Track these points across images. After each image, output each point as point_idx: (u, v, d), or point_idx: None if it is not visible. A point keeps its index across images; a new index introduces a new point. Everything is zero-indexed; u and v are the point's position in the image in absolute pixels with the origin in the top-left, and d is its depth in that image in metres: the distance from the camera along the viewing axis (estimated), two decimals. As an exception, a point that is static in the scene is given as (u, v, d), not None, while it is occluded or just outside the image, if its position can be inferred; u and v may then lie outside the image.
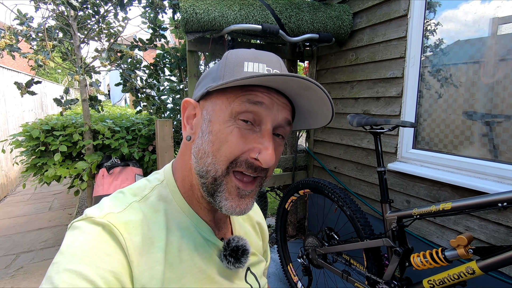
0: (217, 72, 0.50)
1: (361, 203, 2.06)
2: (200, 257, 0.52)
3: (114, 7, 2.58)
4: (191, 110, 0.53)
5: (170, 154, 2.08)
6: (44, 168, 2.27)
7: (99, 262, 0.41)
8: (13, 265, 2.44)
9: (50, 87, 8.30)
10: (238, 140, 0.46)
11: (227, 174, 0.47)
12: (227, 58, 0.50)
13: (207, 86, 0.50)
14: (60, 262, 0.40)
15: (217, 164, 0.47)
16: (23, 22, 2.23)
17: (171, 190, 0.54)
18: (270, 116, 0.47)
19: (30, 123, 2.37)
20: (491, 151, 1.42)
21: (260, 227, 0.73)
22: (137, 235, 0.46)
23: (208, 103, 0.50)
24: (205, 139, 0.48)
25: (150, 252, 0.46)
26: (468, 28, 1.49)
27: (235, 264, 0.54)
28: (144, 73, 2.83)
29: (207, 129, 0.48)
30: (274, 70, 0.49)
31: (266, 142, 0.46)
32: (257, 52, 0.50)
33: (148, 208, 0.50)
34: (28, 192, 4.44)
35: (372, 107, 1.95)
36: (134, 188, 0.54)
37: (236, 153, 0.46)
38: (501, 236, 1.31)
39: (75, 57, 2.40)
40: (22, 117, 5.49)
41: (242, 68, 0.48)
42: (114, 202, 0.50)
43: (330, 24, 1.98)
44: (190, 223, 0.53)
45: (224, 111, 0.47)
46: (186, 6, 1.68)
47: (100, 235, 0.44)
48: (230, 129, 0.46)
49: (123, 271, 0.43)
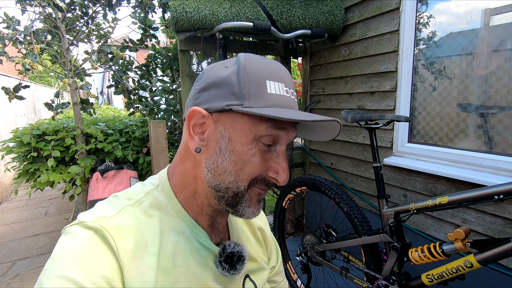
0: (239, 87, 0.46)
1: (358, 198, 2.06)
2: (195, 263, 0.51)
3: (102, 8, 2.54)
4: (199, 119, 0.49)
5: (164, 155, 2.05)
6: (36, 174, 2.24)
7: (90, 267, 0.40)
8: (9, 273, 2.41)
9: (42, 90, 8.20)
10: (260, 161, 0.48)
11: (249, 189, 0.50)
12: (248, 72, 0.47)
13: (227, 101, 0.46)
14: (51, 268, 0.40)
15: (239, 182, 0.49)
16: (9, 25, 2.18)
17: (167, 194, 0.53)
18: (286, 139, 0.50)
19: (21, 128, 2.32)
20: (486, 143, 1.41)
21: (262, 233, 0.70)
22: (129, 239, 0.45)
23: (226, 119, 0.48)
24: (225, 158, 0.48)
25: (142, 257, 0.46)
26: (460, 20, 1.48)
27: (229, 270, 0.53)
28: (136, 74, 2.80)
29: (228, 147, 0.48)
30: (290, 90, 0.50)
31: (283, 163, 0.50)
32: (271, 64, 0.50)
33: (142, 213, 0.50)
34: (24, 198, 4.38)
35: (367, 102, 1.94)
36: (128, 193, 0.53)
37: (257, 173, 0.49)
38: (498, 228, 1.31)
39: (65, 59, 2.35)
40: (14, 122, 5.41)
41: (265, 89, 0.47)
42: (108, 206, 0.49)
43: (323, 20, 1.97)
44: (186, 228, 0.52)
45: (247, 133, 0.47)
46: (176, 5, 1.65)
47: (92, 239, 0.43)
48: (253, 151, 0.48)
49: (115, 276, 0.42)
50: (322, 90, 2.34)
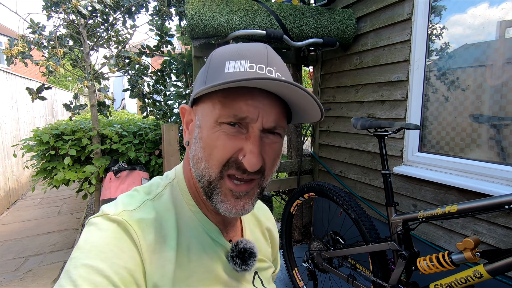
0: (202, 76, 0.50)
1: (367, 207, 2.04)
2: (208, 257, 0.52)
3: (122, 15, 2.65)
4: (188, 115, 0.54)
5: (176, 158, 2.10)
6: (53, 172, 2.32)
7: (114, 258, 0.42)
8: (23, 268, 2.48)
9: (60, 94, 8.50)
10: (226, 143, 0.46)
11: (221, 178, 0.47)
12: (211, 59, 0.49)
13: (195, 91, 0.50)
14: (77, 257, 0.41)
15: (210, 169, 0.47)
16: (35, 31, 2.31)
17: (181, 189, 0.55)
18: (256, 124, 0.46)
19: (41, 128, 2.43)
20: (498, 154, 1.40)
21: (270, 234, 0.72)
22: (150, 233, 0.47)
23: (199, 109, 0.51)
24: (197, 145, 0.49)
25: (162, 250, 0.47)
26: (474, 32, 1.49)
27: (241, 266, 0.54)
28: (151, 79, 2.89)
29: (198, 135, 0.49)
30: (257, 65, 0.45)
31: (250, 145, 0.45)
32: (241, 46, 0.48)
33: (161, 207, 0.51)
34: (38, 197, 4.52)
35: (377, 110, 1.94)
36: (147, 186, 0.55)
37: (226, 156, 0.46)
38: (511, 241, 1.28)
39: (85, 63, 2.46)
40: (33, 123, 5.62)
41: (223, 69, 0.46)
42: (129, 200, 0.51)
43: (334, 29, 2.00)
44: (198, 223, 0.53)
45: (210, 117, 0.47)
46: (192, 13, 1.72)
47: (115, 231, 0.45)
48: (216, 134, 0.46)
49: (137, 268, 0.44)
50: (333, 98, 2.36)
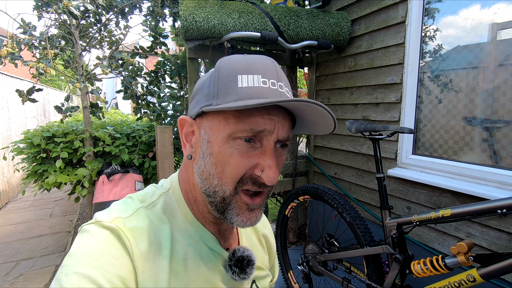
0: (210, 87, 0.48)
1: (362, 209, 2.05)
2: (205, 267, 0.52)
3: (115, 16, 2.62)
4: (189, 127, 0.52)
5: (170, 160, 2.08)
6: (44, 174, 2.28)
7: (107, 266, 0.41)
8: (13, 272, 2.43)
9: (53, 94, 8.37)
10: (240, 162, 0.45)
11: (236, 194, 0.47)
12: (219, 71, 0.47)
13: (202, 104, 0.48)
14: (69, 265, 0.41)
15: (224, 186, 0.47)
16: (26, 31, 2.26)
17: (177, 199, 0.54)
18: (272, 136, 0.46)
19: (32, 130, 2.38)
20: (491, 157, 1.41)
21: (266, 241, 0.71)
22: (143, 241, 0.46)
23: (205, 122, 0.49)
24: (207, 161, 0.47)
25: (155, 259, 0.46)
26: (467, 34, 1.50)
27: (240, 274, 0.54)
28: (145, 80, 2.86)
29: (207, 150, 0.47)
30: (270, 80, 0.46)
31: (268, 160, 0.45)
32: (250, 59, 0.47)
33: (155, 215, 0.51)
34: (29, 199, 4.44)
35: (372, 113, 1.95)
36: (142, 194, 0.54)
37: (241, 173, 0.46)
38: (502, 243, 1.29)
39: (77, 64, 2.42)
40: (24, 124, 5.53)
41: (236, 84, 0.45)
42: (123, 207, 0.50)
43: (329, 31, 2.00)
44: (195, 233, 0.53)
45: (222, 132, 0.46)
46: (186, 14, 1.70)
47: (108, 239, 0.44)
48: (229, 151, 0.45)
49: (130, 276, 0.43)
50: (328, 100, 2.36)
